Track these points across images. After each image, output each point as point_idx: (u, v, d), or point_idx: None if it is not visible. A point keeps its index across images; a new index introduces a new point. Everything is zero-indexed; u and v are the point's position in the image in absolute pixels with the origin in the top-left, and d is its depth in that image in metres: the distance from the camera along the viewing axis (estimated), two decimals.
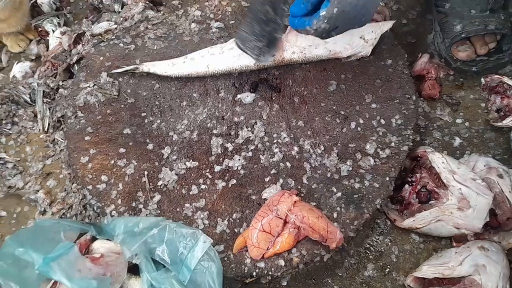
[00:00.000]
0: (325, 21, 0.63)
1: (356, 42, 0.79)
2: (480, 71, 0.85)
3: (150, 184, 0.69)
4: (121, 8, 1.00)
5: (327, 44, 0.79)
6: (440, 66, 0.90)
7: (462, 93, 0.88)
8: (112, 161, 0.72)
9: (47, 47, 1.01)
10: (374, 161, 0.70)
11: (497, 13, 0.84)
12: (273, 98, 0.78)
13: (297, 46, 0.78)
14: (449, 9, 0.87)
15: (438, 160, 0.71)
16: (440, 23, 0.90)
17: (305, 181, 0.68)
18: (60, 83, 0.91)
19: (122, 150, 0.73)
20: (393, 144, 0.72)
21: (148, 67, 0.79)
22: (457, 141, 0.81)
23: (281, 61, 0.79)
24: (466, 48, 0.85)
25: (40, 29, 1.03)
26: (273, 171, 0.70)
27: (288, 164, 0.71)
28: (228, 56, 0.78)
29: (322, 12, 0.62)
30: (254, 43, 0.71)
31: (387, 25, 0.80)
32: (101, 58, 0.85)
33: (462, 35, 0.84)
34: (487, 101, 0.85)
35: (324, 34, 0.66)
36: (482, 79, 0.86)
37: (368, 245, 0.71)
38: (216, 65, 0.78)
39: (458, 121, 0.84)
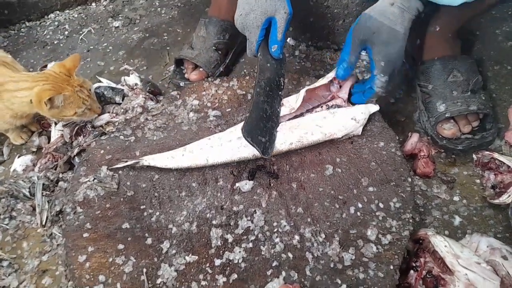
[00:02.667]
0: (382, 75, 0.78)
1: (349, 123, 0.83)
2: (466, 149, 0.88)
3: (149, 282, 0.67)
4: (122, 100, 1.05)
5: (322, 128, 0.82)
6: (430, 143, 0.92)
7: (456, 170, 0.89)
8: (111, 259, 0.71)
9: (49, 138, 1.04)
10: (377, 248, 0.69)
11: (477, 94, 0.89)
12: (271, 184, 0.79)
13: (294, 136, 0.81)
14: (432, 90, 0.92)
15: (441, 244, 0.70)
16: (424, 102, 0.94)
17: (308, 273, 0.67)
18: (60, 175, 0.93)
19: (120, 246, 0.72)
20: (394, 229, 0.71)
21: (148, 161, 0.81)
22: (457, 220, 0.81)
23: (280, 151, 0.81)
24: (451, 126, 0.88)
25: (42, 121, 1.07)
26: (275, 263, 0.69)
27: (290, 254, 0.69)
28: (227, 149, 0.80)
29: (375, 71, 0.78)
30: (259, 138, 0.77)
31: (374, 107, 0.84)
32: (102, 151, 0.87)
33: (446, 115, 0.88)
34: (482, 178, 0.86)
35: (387, 86, 0.81)
36: (474, 156, 0.89)
37: None
38: (215, 157, 0.80)
39: (456, 198, 0.84)
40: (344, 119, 0.83)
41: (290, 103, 0.87)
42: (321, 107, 0.88)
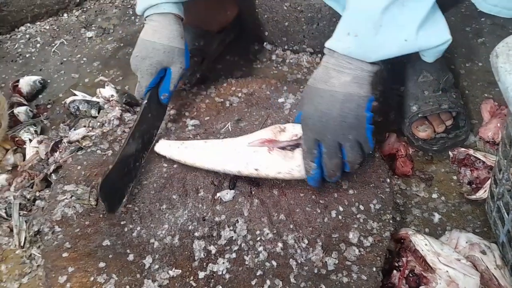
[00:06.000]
0: None
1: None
2: (440, 149, 0.90)
3: None
4: (98, 113, 1.03)
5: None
6: (407, 143, 0.94)
7: (434, 167, 0.91)
8: (92, 278, 0.69)
9: (24, 155, 1.01)
10: (359, 251, 0.69)
11: (449, 92, 0.90)
12: (253, 192, 0.79)
13: (285, 167, 0.74)
14: (404, 91, 0.94)
15: (421, 243, 0.71)
16: (398, 104, 0.96)
17: (292, 280, 0.67)
18: (37, 193, 0.90)
19: (102, 264, 0.71)
20: (375, 230, 0.72)
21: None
22: (437, 217, 0.82)
23: (266, 176, 0.76)
24: (426, 128, 0.90)
25: (16, 138, 1.04)
26: (259, 272, 0.68)
27: (273, 262, 0.69)
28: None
29: None
30: (112, 195, 0.76)
31: None
32: (79, 167, 0.85)
33: (419, 115, 0.89)
34: (458, 174, 0.88)
35: None
36: (450, 153, 0.90)
37: None
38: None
39: (434, 196, 0.86)
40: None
41: (296, 130, 0.75)
42: None
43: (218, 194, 0.78)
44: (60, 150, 0.96)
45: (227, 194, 0.78)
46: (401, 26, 0.64)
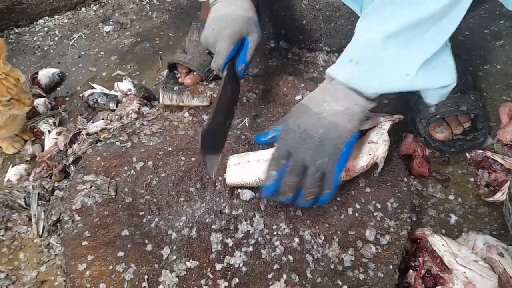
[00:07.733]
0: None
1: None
2: (458, 151, 0.89)
3: None
4: (116, 106, 1.04)
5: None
6: (424, 144, 0.93)
7: (450, 169, 0.91)
8: (111, 267, 0.70)
9: (43, 146, 1.03)
10: (376, 249, 0.70)
11: (467, 94, 0.90)
12: None
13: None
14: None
15: (438, 243, 0.71)
16: (415, 104, 0.95)
17: (309, 275, 0.67)
18: (56, 184, 0.91)
19: (120, 253, 0.72)
20: (392, 229, 0.72)
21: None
22: (453, 218, 0.82)
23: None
24: (443, 129, 0.89)
25: (35, 129, 1.05)
26: (275, 266, 0.69)
27: (290, 257, 0.70)
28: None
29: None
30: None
31: (387, 124, 0.81)
32: (98, 158, 0.86)
33: (437, 116, 0.89)
34: (476, 176, 0.88)
35: None
36: (467, 155, 0.90)
37: None
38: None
39: (451, 197, 0.86)
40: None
41: (384, 129, 0.79)
42: None
43: (238, 191, 0.78)
44: (79, 142, 0.97)
45: (246, 193, 0.78)
46: (404, 60, 0.63)
